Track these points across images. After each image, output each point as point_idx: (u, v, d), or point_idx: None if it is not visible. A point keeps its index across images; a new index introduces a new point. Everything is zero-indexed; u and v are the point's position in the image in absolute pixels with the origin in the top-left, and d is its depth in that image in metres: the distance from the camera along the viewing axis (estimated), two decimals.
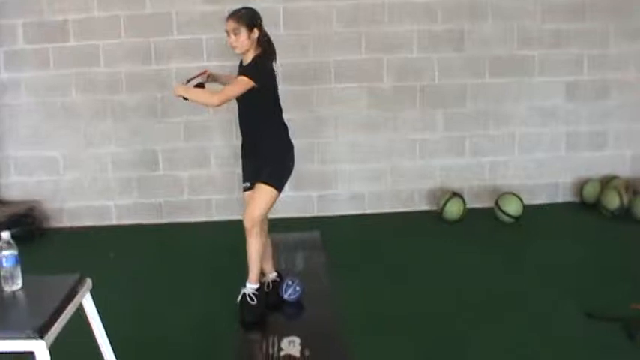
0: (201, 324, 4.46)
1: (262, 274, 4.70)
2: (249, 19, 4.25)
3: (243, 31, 4.22)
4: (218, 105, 4.24)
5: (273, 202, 4.43)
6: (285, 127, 4.52)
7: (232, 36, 4.24)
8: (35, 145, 6.63)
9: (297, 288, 4.69)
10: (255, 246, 4.44)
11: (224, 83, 4.62)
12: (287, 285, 4.70)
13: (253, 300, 4.46)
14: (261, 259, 4.57)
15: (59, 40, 6.43)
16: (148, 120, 6.59)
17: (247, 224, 4.40)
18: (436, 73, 6.62)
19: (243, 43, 4.25)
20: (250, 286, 4.50)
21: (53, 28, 6.41)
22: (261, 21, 4.33)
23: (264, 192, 4.37)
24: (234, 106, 4.45)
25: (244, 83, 4.17)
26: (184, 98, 4.28)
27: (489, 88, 6.67)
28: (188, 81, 4.43)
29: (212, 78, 4.62)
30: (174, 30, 6.44)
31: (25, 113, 6.58)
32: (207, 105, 4.36)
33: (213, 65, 6.15)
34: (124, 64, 6.49)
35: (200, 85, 4.42)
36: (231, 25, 4.22)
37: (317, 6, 6.45)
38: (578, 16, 6.58)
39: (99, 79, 6.51)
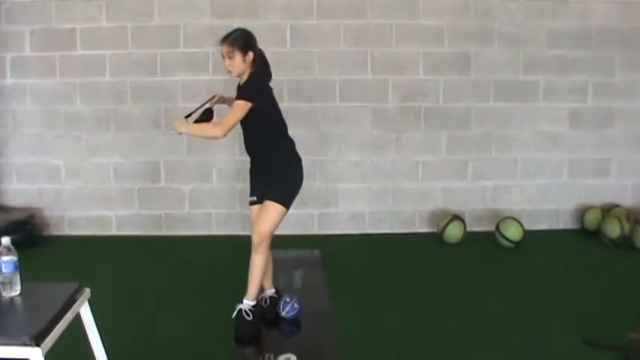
0: (197, 338, 4.43)
1: (261, 289, 4.67)
2: (242, 41, 4.25)
3: (238, 54, 4.22)
4: (224, 136, 4.14)
5: (282, 219, 4.40)
6: (291, 142, 4.52)
7: (227, 59, 4.24)
8: (38, 153, 6.63)
9: (295, 305, 4.67)
10: (260, 263, 4.41)
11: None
12: (285, 302, 4.68)
13: (249, 316, 4.44)
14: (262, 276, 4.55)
15: (66, 49, 6.46)
16: (152, 131, 6.59)
17: (255, 240, 4.36)
18: (441, 95, 6.63)
19: (239, 66, 4.25)
20: (247, 302, 4.47)
21: (60, 37, 6.44)
22: (255, 42, 4.33)
23: (272, 209, 4.34)
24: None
25: (242, 106, 4.14)
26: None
27: (494, 112, 6.68)
28: (197, 109, 4.40)
29: (221, 100, 4.60)
30: (182, 42, 6.46)
31: (29, 120, 6.59)
32: (212, 138, 4.34)
33: (219, 79, 6.21)
34: (130, 74, 6.50)
35: (208, 111, 4.38)
36: (226, 48, 4.23)
37: (324, 24, 6.47)
38: (584, 43, 6.61)
39: (104, 89, 6.53)
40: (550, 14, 6.55)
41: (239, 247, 4.77)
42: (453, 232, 6.41)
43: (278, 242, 4.82)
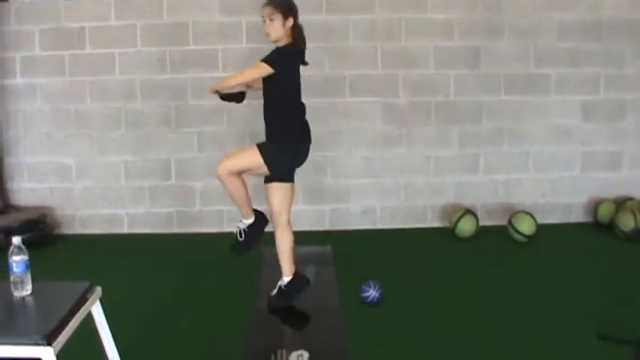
0: (209, 335, 4.43)
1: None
2: (285, 6, 4.35)
3: (279, 18, 4.31)
4: (233, 85, 4.34)
5: (289, 193, 4.58)
6: (302, 125, 4.62)
7: (267, 21, 4.33)
8: (48, 152, 6.64)
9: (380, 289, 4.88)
10: (281, 238, 4.60)
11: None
12: (373, 285, 4.89)
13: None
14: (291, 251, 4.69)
15: (75, 48, 6.46)
16: (162, 129, 6.59)
17: (272, 220, 4.61)
18: (452, 89, 6.60)
19: (278, 30, 4.34)
20: (287, 279, 4.67)
21: (70, 35, 6.44)
22: (296, 11, 4.42)
23: (273, 188, 4.55)
24: (248, 116, 4.45)
25: (261, 68, 4.24)
26: (222, 97, 4.44)
27: (505, 105, 6.64)
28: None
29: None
30: (191, 40, 6.45)
31: (39, 119, 6.60)
32: (225, 86, 4.44)
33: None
34: (139, 72, 6.50)
35: (240, 93, 4.50)
36: (268, 10, 4.32)
37: (333, 20, 6.45)
38: (595, 35, 6.56)
39: (114, 87, 6.53)
40: (560, 6, 6.50)
41: None
42: (466, 227, 6.39)
43: None
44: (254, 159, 4.42)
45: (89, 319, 3.12)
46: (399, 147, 6.68)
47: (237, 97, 4.50)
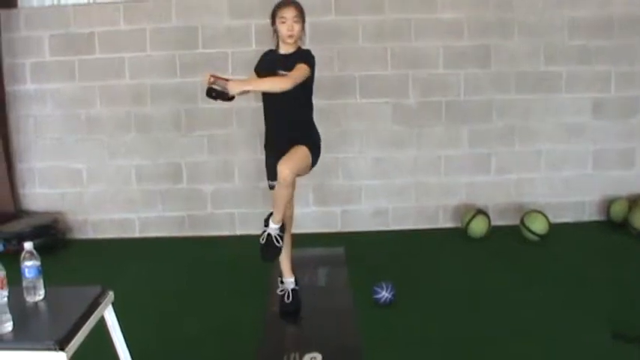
0: (222, 338, 4.43)
1: (281, 281, 4.83)
2: (303, 12, 4.47)
3: (301, 21, 4.42)
4: (285, 89, 4.20)
5: (305, 169, 4.52)
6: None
7: (292, 23, 4.37)
8: (59, 157, 6.65)
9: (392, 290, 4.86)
10: (284, 194, 4.34)
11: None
12: (386, 286, 4.85)
13: (279, 242, 4.49)
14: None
15: (85, 53, 6.47)
16: (172, 133, 6.59)
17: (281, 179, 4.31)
18: (462, 88, 6.57)
19: (299, 32, 4.43)
20: (273, 226, 4.49)
21: (79, 41, 6.45)
22: None
23: (301, 151, 4.42)
24: (257, 119, 4.44)
25: (306, 70, 4.29)
26: (226, 98, 4.20)
27: (515, 104, 6.61)
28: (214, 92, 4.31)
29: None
30: (200, 43, 6.45)
31: (49, 125, 6.62)
32: (279, 90, 4.37)
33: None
34: (149, 76, 6.50)
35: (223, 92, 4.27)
36: (294, 12, 4.38)
37: (343, 21, 6.43)
38: (606, 32, 6.51)
39: (124, 92, 6.54)
40: (570, 3, 6.46)
41: None
42: (478, 227, 6.35)
43: (302, 240, 4.82)
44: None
45: (102, 323, 3.13)
46: (410, 147, 6.66)
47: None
